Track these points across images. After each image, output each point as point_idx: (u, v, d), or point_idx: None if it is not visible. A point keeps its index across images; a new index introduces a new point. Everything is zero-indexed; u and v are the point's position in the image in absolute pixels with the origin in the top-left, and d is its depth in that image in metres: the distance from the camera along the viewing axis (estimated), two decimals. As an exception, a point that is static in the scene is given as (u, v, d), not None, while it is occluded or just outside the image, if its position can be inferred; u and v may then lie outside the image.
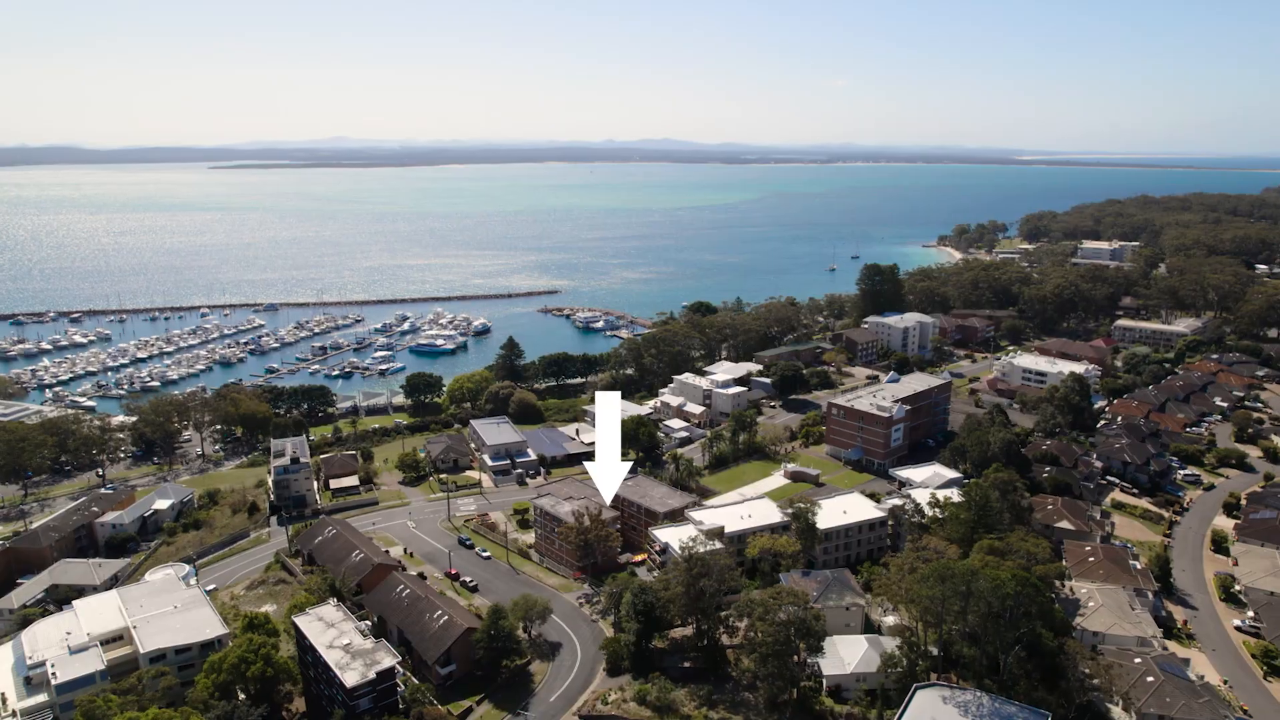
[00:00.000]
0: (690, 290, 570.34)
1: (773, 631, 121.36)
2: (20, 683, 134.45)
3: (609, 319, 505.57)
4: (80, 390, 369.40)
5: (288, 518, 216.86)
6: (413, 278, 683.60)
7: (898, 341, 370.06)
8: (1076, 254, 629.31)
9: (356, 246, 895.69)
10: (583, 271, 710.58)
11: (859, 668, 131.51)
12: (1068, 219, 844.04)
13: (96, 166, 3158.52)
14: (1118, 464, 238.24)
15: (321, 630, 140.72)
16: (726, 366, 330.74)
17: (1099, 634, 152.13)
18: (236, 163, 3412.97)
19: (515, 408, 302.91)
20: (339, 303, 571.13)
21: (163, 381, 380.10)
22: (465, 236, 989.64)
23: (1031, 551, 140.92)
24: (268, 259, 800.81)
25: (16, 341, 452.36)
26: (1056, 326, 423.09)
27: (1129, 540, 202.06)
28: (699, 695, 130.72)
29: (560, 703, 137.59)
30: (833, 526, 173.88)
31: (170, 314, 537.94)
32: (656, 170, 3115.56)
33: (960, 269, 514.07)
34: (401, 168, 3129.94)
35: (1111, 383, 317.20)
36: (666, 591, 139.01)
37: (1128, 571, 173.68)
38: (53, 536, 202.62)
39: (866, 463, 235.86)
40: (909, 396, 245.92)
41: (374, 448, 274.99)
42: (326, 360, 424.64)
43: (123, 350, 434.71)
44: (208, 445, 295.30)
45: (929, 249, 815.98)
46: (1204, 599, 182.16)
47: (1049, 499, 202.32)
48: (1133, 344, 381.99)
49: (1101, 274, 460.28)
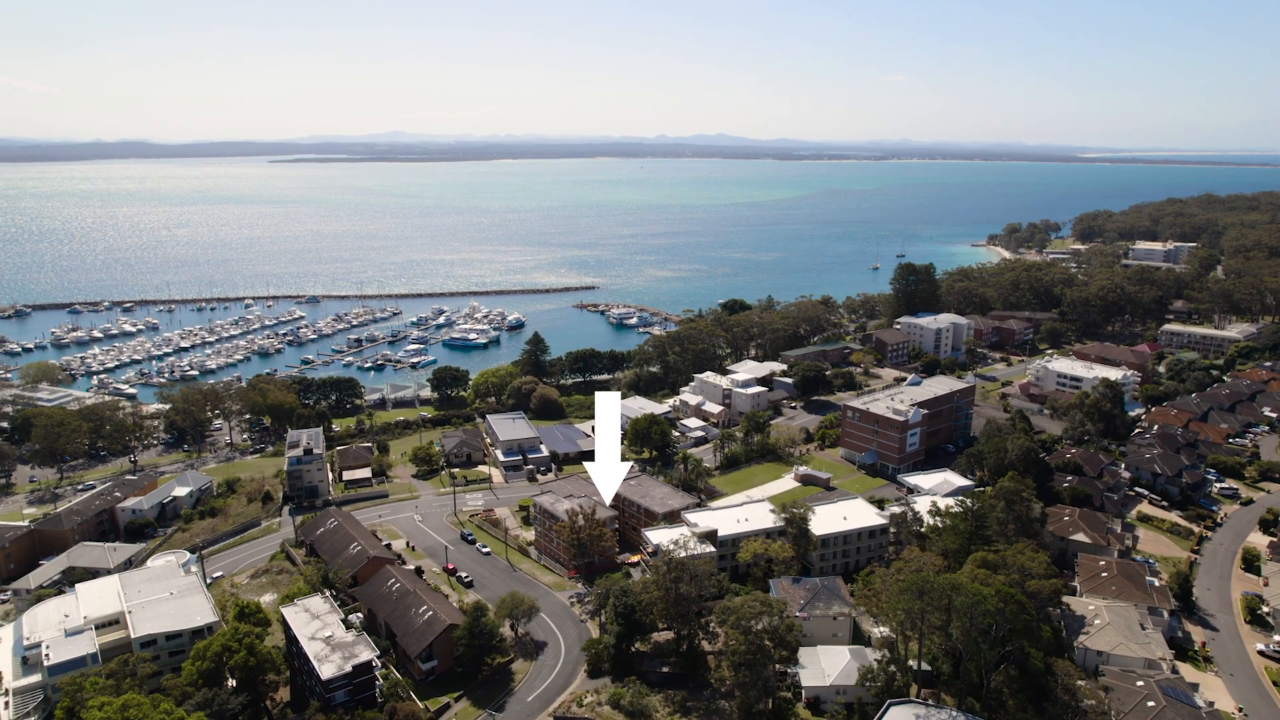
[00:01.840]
0: (728, 288, 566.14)
1: (745, 640, 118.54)
2: (18, 662, 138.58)
3: (643, 315, 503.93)
4: (124, 378, 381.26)
5: (299, 508, 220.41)
6: (452, 272, 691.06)
7: (930, 343, 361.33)
8: (1128, 255, 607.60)
9: (400, 240, 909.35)
10: (619, 267, 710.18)
11: (839, 680, 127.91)
12: (1124, 219, 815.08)
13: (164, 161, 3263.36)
14: (1147, 475, 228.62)
15: (306, 621, 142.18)
16: (750, 366, 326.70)
17: (1103, 654, 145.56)
18: (295, 157, 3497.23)
19: (537, 403, 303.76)
20: (378, 295, 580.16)
21: (201, 370, 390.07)
22: (507, 231, 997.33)
23: (1026, 565, 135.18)
24: (314, 252, 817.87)
25: (70, 330, 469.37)
26: (1100, 330, 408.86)
27: (1151, 555, 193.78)
28: (674, 701, 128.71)
29: (538, 703, 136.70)
30: (830, 533, 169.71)
31: (216, 305, 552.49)
32: (707, 166, 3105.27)
33: (1001, 269, 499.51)
34: (455, 163, 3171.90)
35: (1152, 389, 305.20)
36: (645, 595, 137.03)
37: (1143, 588, 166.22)
38: (75, 520, 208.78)
39: (881, 467, 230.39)
40: (927, 400, 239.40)
41: (394, 440, 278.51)
42: (361, 352, 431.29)
43: (167, 339, 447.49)
44: (236, 434, 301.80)
45: (978, 248, 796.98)
46: (1227, 620, 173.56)
47: (1065, 510, 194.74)
48: (1180, 349, 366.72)
49: (1150, 276, 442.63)
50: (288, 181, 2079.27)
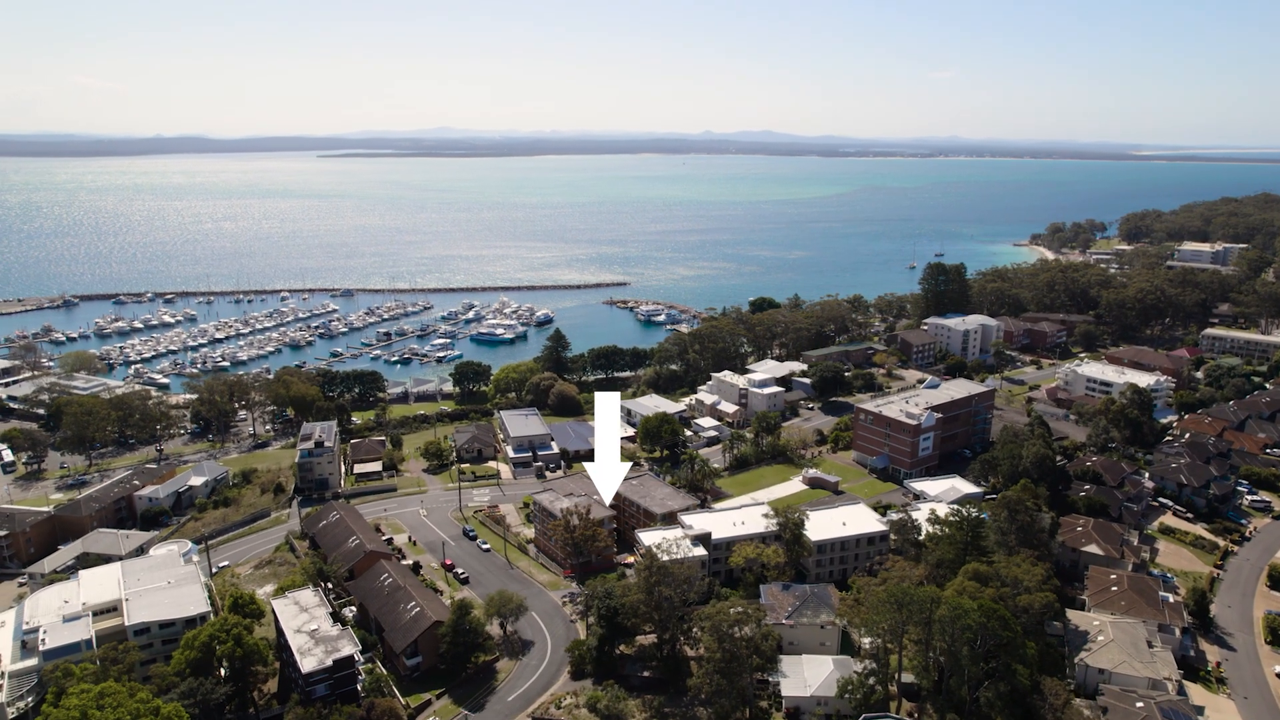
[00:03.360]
0: (758, 286, 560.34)
1: (719, 646, 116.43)
2: (17, 646, 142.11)
3: (671, 313, 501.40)
4: (159, 368, 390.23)
5: (308, 500, 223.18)
6: (485, 267, 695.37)
7: (957, 344, 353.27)
8: (1174, 256, 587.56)
9: (436, 235, 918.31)
10: (650, 264, 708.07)
11: (820, 691, 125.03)
12: (1173, 219, 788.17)
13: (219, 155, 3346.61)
14: (1172, 485, 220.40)
15: (294, 614, 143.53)
16: (769, 365, 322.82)
17: (1105, 672, 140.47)
18: (344, 152, 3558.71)
19: (555, 400, 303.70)
20: (410, 290, 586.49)
21: (232, 362, 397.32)
22: (542, 227, 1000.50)
23: (1020, 578, 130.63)
24: (353, 246, 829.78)
25: (113, 320, 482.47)
26: (1139, 334, 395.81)
27: (1170, 570, 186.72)
28: (652, 706, 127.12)
29: (519, 702, 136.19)
30: (827, 539, 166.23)
31: (253, 297, 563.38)
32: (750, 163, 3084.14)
33: (1036, 270, 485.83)
34: (500, 158, 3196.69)
35: (1187, 396, 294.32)
36: (625, 597, 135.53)
37: (1154, 604, 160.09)
38: (94, 507, 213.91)
39: (893, 471, 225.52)
40: (943, 404, 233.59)
41: (410, 434, 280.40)
42: (390, 346, 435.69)
43: (203, 331, 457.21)
44: (259, 425, 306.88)
45: (1020, 248, 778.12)
46: (1247, 640, 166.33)
47: (1079, 520, 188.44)
48: (1221, 355, 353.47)
49: (1193, 278, 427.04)
50: (334, 176, 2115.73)
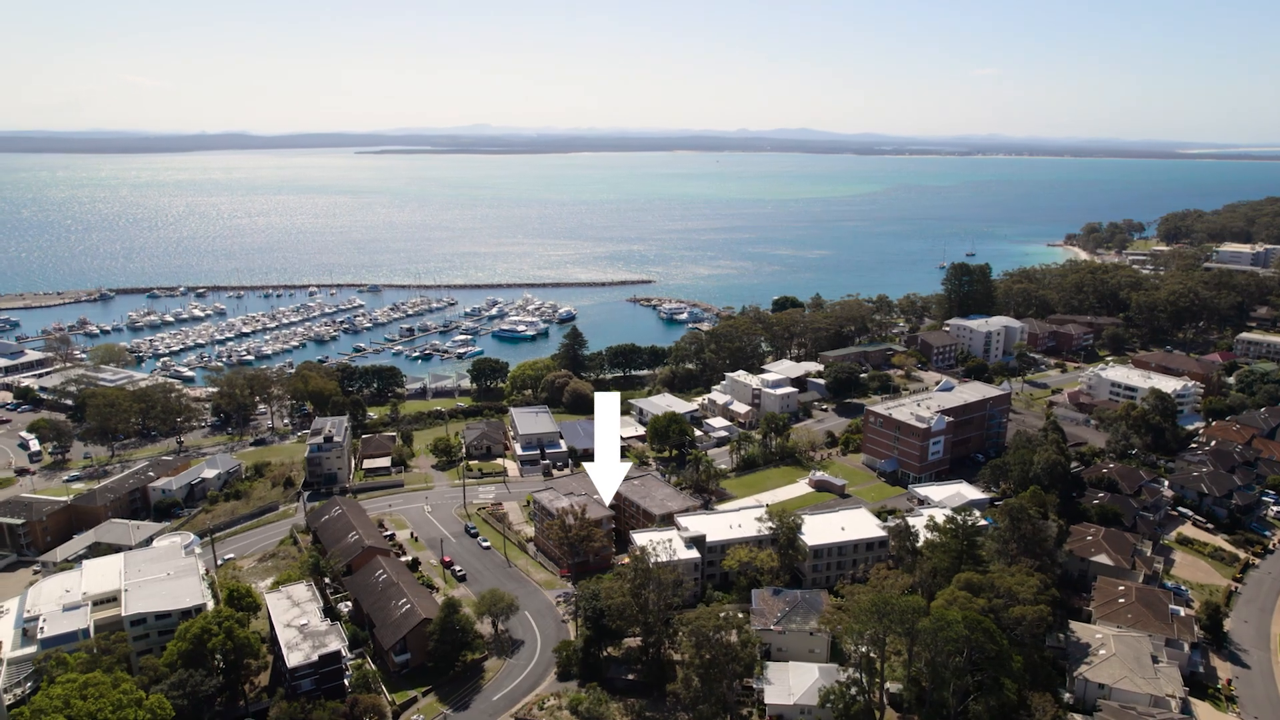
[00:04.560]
0: (782, 284, 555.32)
1: (697, 653, 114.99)
2: (18, 634, 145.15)
3: (693, 311, 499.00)
4: (185, 361, 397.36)
5: (317, 494, 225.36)
6: (510, 264, 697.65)
7: (979, 346, 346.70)
8: (1213, 257, 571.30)
9: (465, 232, 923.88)
10: (675, 261, 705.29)
11: (803, 699, 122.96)
12: (1215, 219, 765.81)
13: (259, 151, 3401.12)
14: (1192, 494, 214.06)
15: (286, 608, 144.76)
16: (785, 365, 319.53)
17: (1104, 687, 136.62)
18: (381, 148, 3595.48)
19: (569, 397, 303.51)
20: (435, 286, 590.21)
21: (257, 356, 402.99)
22: (569, 224, 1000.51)
23: (1014, 589, 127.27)
24: (383, 241, 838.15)
25: (146, 313, 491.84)
26: (1170, 337, 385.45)
27: (1185, 582, 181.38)
28: (633, 710, 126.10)
29: (504, 702, 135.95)
30: (824, 543, 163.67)
31: (282, 291, 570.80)
32: (784, 160, 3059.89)
33: (1064, 271, 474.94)
34: (535, 155, 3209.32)
35: (1217, 402, 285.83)
36: (610, 599, 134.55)
37: (1163, 617, 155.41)
38: (109, 497, 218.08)
39: (901, 475, 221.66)
40: (955, 407, 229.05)
41: (423, 430, 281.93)
42: (412, 341, 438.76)
43: (230, 325, 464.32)
44: (278, 419, 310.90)
45: (1054, 248, 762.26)
46: (1262, 656, 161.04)
47: (1090, 529, 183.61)
48: (1256, 360, 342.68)
49: (1229, 280, 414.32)
50: (370, 172, 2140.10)
